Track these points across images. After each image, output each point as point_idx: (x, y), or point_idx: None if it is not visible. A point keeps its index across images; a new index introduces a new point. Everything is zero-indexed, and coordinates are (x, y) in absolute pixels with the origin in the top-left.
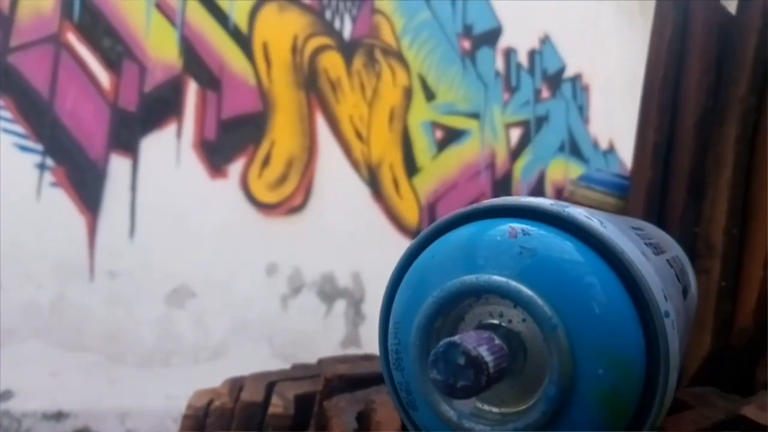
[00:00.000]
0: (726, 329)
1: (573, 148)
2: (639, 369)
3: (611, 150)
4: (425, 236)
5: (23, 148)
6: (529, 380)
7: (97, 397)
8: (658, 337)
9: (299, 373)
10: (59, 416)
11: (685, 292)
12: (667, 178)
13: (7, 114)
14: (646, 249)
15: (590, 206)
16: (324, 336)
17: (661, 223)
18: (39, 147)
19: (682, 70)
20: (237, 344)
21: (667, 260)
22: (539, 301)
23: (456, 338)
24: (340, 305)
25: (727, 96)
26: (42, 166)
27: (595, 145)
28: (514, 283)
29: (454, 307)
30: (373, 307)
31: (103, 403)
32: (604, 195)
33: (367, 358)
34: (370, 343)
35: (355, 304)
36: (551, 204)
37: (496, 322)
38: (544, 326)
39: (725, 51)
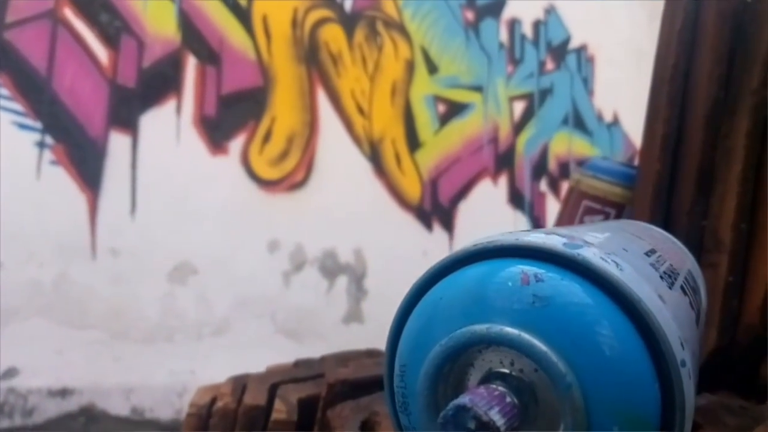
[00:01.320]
0: (732, 325)
1: (577, 121)
2: (654, 423)
3: (615, 123)
4: (433, 273)
5: (22, 126)
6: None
7: (102, 373)
8: (674, 389)
9: (302, 372)
10: (64, 393)
11: (698, 316)
12: (675, 171)
13: (5, 91)
14: (661, 286)
15: (596, 196)
16: (326, 312)
17: (668, 217)
18: (38, 125)
19: (693, 60)
20: (239, 320)
21: (681, 286)
22: (553, 357)
23: (466, 400)
24: (342, 281)
25: (739, 88)
26: (41, 144)
27: (600, 118)
28: (527, 337)
29: (462, 354)
30: (374, 283)
31: (108, 380)
32: (611, 185)
33: (370, 354)
34: (371, 318)
35: (357, 279)
36: (564, 244)
37: (506, 371)
38: (558, 384)
39: (738, 40)
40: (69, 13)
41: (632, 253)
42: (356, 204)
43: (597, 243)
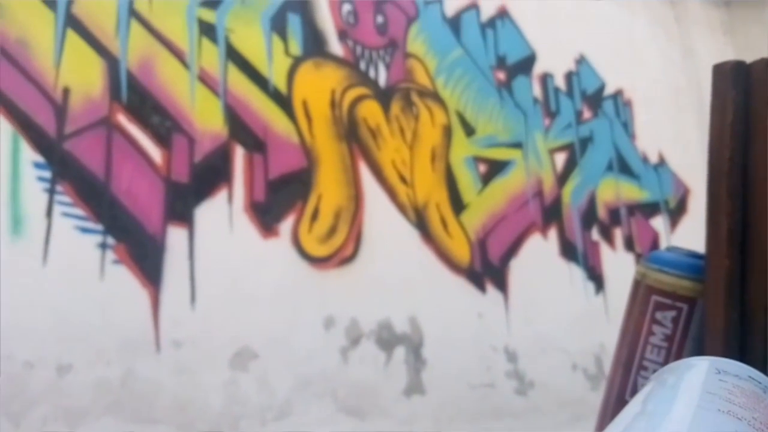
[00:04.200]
0: None
1: (622, 166)
2: None
3: (662, 163)
4: None
5: (84, 230)
6: None
7: None
8: None
9: None
10: None
11: None
12: (745, 266)
13: (66, 199)
14: None
15: (665, 291)
16: (386, 385)
17: (744, 314)
18: (99, 227)
19: (748, 151)
20: (301, 402)
21: None
22: None
23: None
24: (400, 352)
25: None
26: (103, 246)
27: (645, 160)
28: None
29: None
30: (433, 351)
31: None
32: (679, 278)
33: None
34: (433, 389)
35: (415, 349)
36: None
37: None
38: None
39: None
40: (122, 119)
41: None
42: (407, 272)
43: None
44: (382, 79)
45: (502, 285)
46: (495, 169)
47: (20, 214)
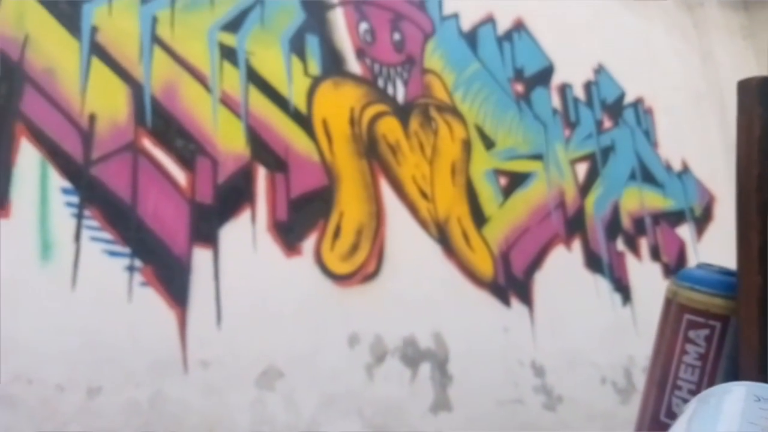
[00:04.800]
0: None
1: (645, 175)
2: None
3: (686, 170)
4: None
5: (112, 253)
6: None
7: None
8: None
9: None
10: None
11: None
12: None
13: (94, 223)
14: None
15: (697, 309)
16: (412, 402)
17: None
18: (126, 250)
19: None
20: (327, 420)
21: None
22: None
23: None
24: (425, 368)
25: None
26: (131, 268)
27: (668, 167)
28: None
29: None
30: (458, 367)
31: None
32: (711, 296)
33: None
34: (460, 405)
35: (440, 365)
36: None
37: None
38: None
39: None
40: (147, 143)
41: None
42: (430, 287)
43: None
44: (401, 96)
45: (526, 298)
46: (516, 181)
47: (49, 240)
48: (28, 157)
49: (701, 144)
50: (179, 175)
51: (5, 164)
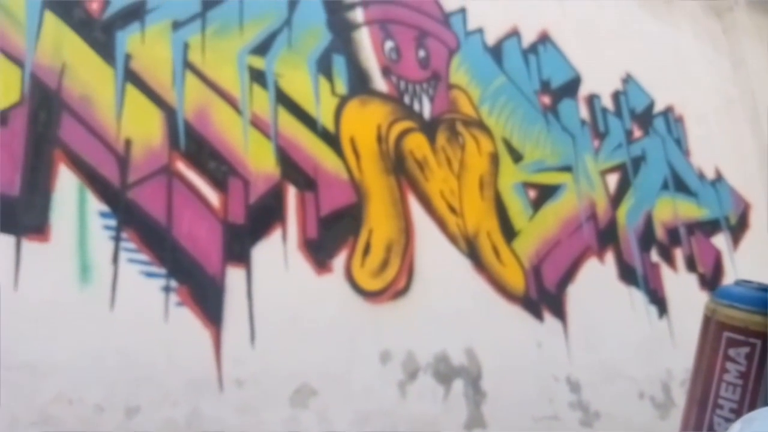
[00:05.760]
0: None
1: (678, 184)
2: None
3: (719, 179)
4: None
5: (149, 274)
6: None
7: None
8: None
9: None
10: None
11: None
12: None
13: (131, 245)
14: None
15: (735, 326)
16: (446, 420)
17: None
18: (163, 271)
19: None
20: None
21: None
22: None
23: None
24: (458, 385)
25: None
26: (167, 289)
27: (701, 176)
28: None
29: None
30: (492, 383)
31: None
32: (750, 313)
33: None
34: (494, 422)
35: (473, 381)
36: None
37: None
38: None
39: None
40: (181, 166)
41: None
42: (461, 303)
43: None
44: (427, 112)
45: (559, 312)
46: (545, 194)
47: (88, 263)
48: (66, 183)
49: (734, 151)
50: (212, 196)
51: (45, 190)
